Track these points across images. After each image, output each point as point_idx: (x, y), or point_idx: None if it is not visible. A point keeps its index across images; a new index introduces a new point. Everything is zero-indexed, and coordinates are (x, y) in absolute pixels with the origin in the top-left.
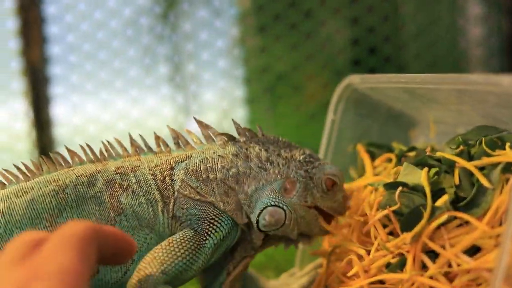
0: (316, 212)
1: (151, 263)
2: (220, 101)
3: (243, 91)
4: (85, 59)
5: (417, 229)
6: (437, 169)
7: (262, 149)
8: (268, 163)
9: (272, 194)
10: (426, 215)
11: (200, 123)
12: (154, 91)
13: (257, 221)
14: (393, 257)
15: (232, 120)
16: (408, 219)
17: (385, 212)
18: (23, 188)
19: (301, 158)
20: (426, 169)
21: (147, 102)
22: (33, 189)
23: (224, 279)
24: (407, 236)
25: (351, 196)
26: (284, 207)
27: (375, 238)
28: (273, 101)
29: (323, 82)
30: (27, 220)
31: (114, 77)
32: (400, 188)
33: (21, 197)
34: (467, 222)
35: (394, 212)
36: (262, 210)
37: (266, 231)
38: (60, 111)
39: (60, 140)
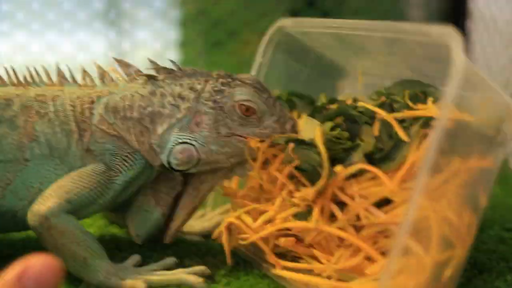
0: (240, 138)
1: (56, 190)
2: (153, 41)
3: (178, 34)
4: None
5: (316, 187)
6: (340, 122)
7: (177, 85)
8: (180, 99)
9: (180, 132)
10: (324, 173)
11: (120, 62)
12: (86, 26)
13: (169, 163)
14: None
15: (148, 58)
16: (311, 175)
17: (287, 169)
18: None
19: (211, 88)
20: (318, 125)
21: (79, 36)
22: None
23: (161, 222)
24: (310, 192)
25: (292, 119)
26: (193, 143)
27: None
28: (207, 46)
29: (259, 30)
30: None
31: (46, 9)
32: (292, 145)
33: None
34: None
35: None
36: (171, 150)
37: (183, 170)
38: None
39: None
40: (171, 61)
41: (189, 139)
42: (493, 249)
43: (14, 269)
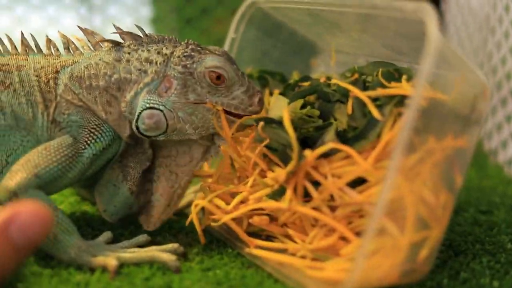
0: (207, 107)
1: (24, 165)
2: (125, 17)
3: (149, 10)
4: None
5: (288, 168)
6: (313, 100)
7: (144, 50)
8: (148, 64)
9: (148, 96)
10: (294, 156)
11: (85, 30)
12: (57, 0)
13: (137, 128)
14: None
15: (113, 24)
16: (282, 155)
17: (258, 149)
18: None
19: (181, 53)
20: (287, 103)
21: (48, 10)
22: None
23: (131, 200)
24: (281, 173)
25: (260, 92)
26: (161, 107)
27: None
28: (179, 23)
29: (232, 8)
30: None
31: None
32: (261, 123)
33: None
34: None
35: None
36: (139, 115)
37: (152, 136)
38: None
39: None
40: (138, 26)
41: (157, 104)
42: (469, 231)
43: (0, 216)
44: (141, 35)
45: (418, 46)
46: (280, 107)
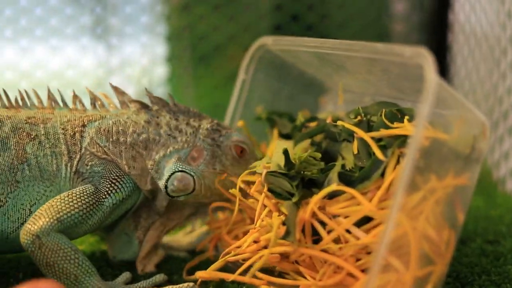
0: (229, 178)
1: (47, 210)
2: (141, 56)
3: (164, 49)
4: (5, 4)
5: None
6: (319, 139)
7: (173, 118)
8: (177, 131)
9: (179, 162)
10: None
11: (116, 89)
12: (74, 41)
13: (166, 187)
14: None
15: (145, 89)
16: (285, 199)
17: (263, 196)
18: None
19: (208, 126)
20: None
21: (67, 52)
22: None
23: (137, 248)
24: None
25: None
26: (192, 173)
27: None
28: (193, 61)
29: (244, 45)
30: None
31: (35, 25)
32: (264, 173)
33: None
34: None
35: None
36: (170, 176)
37: (175, 196)
38: None
39: None
40: (169, 94)
41: (188, 170)
42: (475, 262)
43: None
44: (170, 103)
45: (420, 87)
46: (281, 154)
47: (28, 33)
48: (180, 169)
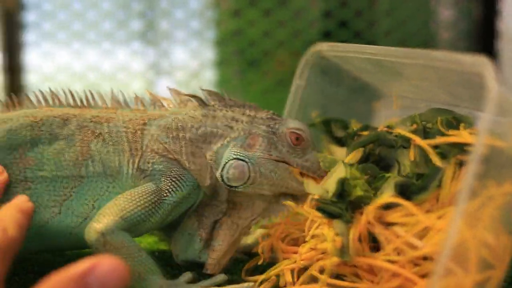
0: (286, 165)
1: (112, 209)
2: (190, 61)
3: (214, 53)
4: (59, 8)
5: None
6: (372, 147)
7: (229, 110)
8: (234, 121)
9: (234, 149)
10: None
11: (173, 90)
12: (125, 46)
13: (222, 176)
14: None
15: (200, 87)
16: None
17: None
18: (2, 118)
19: (264, 115)
20: (337, 176)
21: (118, 56)
22: (11, 120)
23: (200, 247)
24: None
25: None
26: (246, 160)
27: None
28: (242, 66)
29: (293, 51)
30: (0, 148)
31: (87, 29)
32: (314, 203)
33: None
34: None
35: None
36: (225, 164)
37: (233, 186)
38: (32, 58)
39: (30, 87)
40: (224, 90)
41: (243, 156)
42: None
43: (81, 265)
44: (225, 97)
45: (476, 94)
46: (335, 181)
47: (80, 36)
48: (234, 156)
